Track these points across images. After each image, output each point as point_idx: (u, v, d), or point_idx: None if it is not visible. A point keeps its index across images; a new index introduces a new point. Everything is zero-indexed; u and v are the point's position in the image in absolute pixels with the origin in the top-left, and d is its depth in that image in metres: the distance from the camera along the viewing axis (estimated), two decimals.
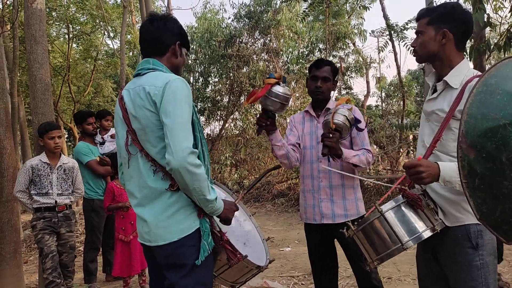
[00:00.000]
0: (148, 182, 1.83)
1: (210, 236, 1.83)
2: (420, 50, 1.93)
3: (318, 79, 2.70)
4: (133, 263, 3.97)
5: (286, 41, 13.62)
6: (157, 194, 1.82)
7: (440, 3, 1.97)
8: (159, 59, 1.92)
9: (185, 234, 1.79)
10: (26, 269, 5.46)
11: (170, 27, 1.94)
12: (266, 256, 2.26)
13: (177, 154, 1.68)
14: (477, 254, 1.78)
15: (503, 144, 1.27)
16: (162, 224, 1.81)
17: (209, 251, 1.81)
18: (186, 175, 1.69)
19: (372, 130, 9.67)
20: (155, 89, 1.78)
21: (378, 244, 1.80)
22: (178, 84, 1.78)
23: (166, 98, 1.75)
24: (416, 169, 1.66)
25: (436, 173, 1.65)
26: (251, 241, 2.29)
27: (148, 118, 1.79)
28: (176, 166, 1.68)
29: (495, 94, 1.33)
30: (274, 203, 10.09)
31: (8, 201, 4.11)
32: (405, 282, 4.20)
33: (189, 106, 1.79)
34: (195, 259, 1.78)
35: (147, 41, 1.96)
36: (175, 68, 1.96)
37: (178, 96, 1.75)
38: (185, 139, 1.71)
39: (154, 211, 1.83)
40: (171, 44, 1.94)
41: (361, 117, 2.70)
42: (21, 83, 13.38)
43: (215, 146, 13.65)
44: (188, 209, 1.81)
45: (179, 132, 1.71)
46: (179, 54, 1.97)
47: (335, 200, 2.65)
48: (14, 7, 9.18)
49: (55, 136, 3.67)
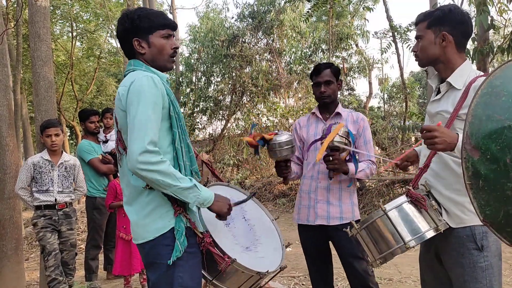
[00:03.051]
0: (131, 180, 1.83)
1: (184, 236, 1.77)
2: (421, 55, 1.94)
3: (320, 84, 2.70)
4: (134, 262, 3.96)
5: (289, 41, 13.63)
6: (137, 192, 1.81)
7: (438, 7, 1.98)
8: (139, 58, 1.88)
9: (160, 233, 1.77)
10: (27, 266, 5.47)
11: (123, 27, 1.86)
12: (279, 263, 2.12)
13: (130, 156, 1.67)
14: (482, 256, 1.77)
15: (507, 146, 1.26)
16: (141, 223, 1.81)
17: (181, 252, 1.75)
18: (143, 174, 1.66)
19: None
20: (123, 89, 1.77)
21: (381, 243, 1.80)
22: (142, 82, 1.73)
23: (129, 98, 1.73)
24: (432, 133, 1.65)
25: (453, 142, 1.64)
26: (262, 246, 2.16)
27: (122, 119, 1.79)
28: (131, 168, 1.68)
29: (500, 96, 1.32)
30: (275, 203, 10.08)
31: (10, 198, 4.12)
32: (406, 284, 4.19)
33: (154, 103, 1.72)
34: (169, 259, 1.75)
35: (122, 47, 1.94)
36: (151, 61, 1.87)
37: (140, 95, 1.71)
38: (140, 139, 1.66)
39: (135, 210, 1.83)
40: (131, 44, 1.86)
41: (368, 127, 2.72)
42: (24, 80, 13.42)
43: (217, 145, 13.66)
44: (163, 207, 1.79)
45: (135, 133, 1.68)
46: (144, 47, 1.85)
47: (331, 202, 2.63)
48: (18, 5, 9.20)
49: (52, 134, 3.66)
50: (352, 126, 2.68)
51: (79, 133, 15.48)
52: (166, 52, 1.88)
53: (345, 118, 2.71)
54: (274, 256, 2.15)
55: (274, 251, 2.19)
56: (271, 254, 2.16)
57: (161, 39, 1.86)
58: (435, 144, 1.65)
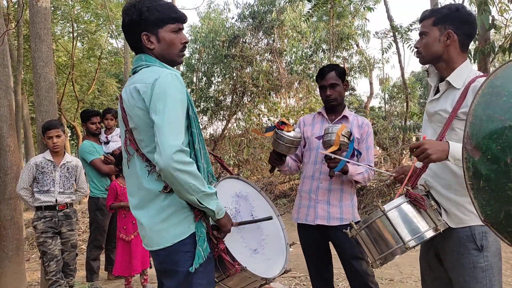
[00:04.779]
0: (143, 183, 1.74)
1: (206, 241, 1.71)
2: (424, 51, 1.93)
3: (326, 88, 2.71)
4: (134, 263, 3.96)
5: (289, 41, 13.62)
6: (152, 196, 1.73)
7: (445, 5, 1.97)
8: (148, 53, 1.79)
9: (178, 239, 1.70)
10: (28, 267, 5.47)
11: (130, 18, 1.76)
12: (283, 265, 2.11)
13: (164, 153, 1.58)
14: (482, 256, 1.77)
15: (508, 146, 1.26)
16: (156, 228, 1.72)
17: (203, 258, 1.68)
18: (176, 174, 1.58)
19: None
20: (144, 86, 1.68)
21: (380, 243, 1.79)
22: (168, 80, 1.66)
23: (155, 95, 1.64)
24: (422, 147, 1.67)
25: (445, 150, 1.66)
26: (268, 247, 2.14)
27: (140, 117, 1.70)
28: (164, 166, 1.58)
29: (501, 96, 1.32)
30: (276, 204, 10.08)
31: (11, 198, 4.12)
32: (407, 284, 4.19)
33: (181, 102, 1.67)
34: (190, 266, 1.68)
35: (127, 39, 1.84)
36: (162, 57, 1.79)
37: (168, 92, 1.64)
38: (174, 137, 1.60)
39: (149, 214, 1.74)
40: (139, 37, 1.77)
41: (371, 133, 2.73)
42: (25, 81, 13.44)
43: (218, 146, 13.66)
44: (182, 212, 1.71)
45: (167, 130, 1.60)
46: (153, 42, 1.78)
47: (332, 203, 2.63)
48: (19, 5, 9.21)
49: (53, 135, 3.65)
50: (357, 130, 2.68)
51: (80, 133, 15.49)
52: (176, 47, 1.81)
53: (351, 122, 2.71)
54: (279, 258, 2.18)
55: (279, 252, 2.21)
56: (276, 255, 2.17)
57: (171, 34, 1.78)
58: (429, 156, 1.67)
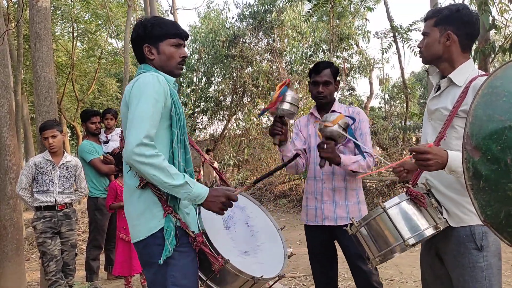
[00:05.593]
0: (126, 178, 1.90)
1: (172, 235, 1.80)
2: (425, 52, 1.94)
3: (319, 84, 2.69)
4: (134, 262, 3.96)
5: (289, 41, 13.63)
6: (131, 191, 1.87)
7: (447, 5, 1.97)
8: (148, 63, 1.97)
9: (151, 233, 1.81)
10: (28, 267, 5.47)
11: (136, 33, 1.96)
12: (277, 272, 2.04)
13: (127, 146, 1.71)
14: (482, 256, 1.77)
15: (508, 146, 1.26)
16: (134, 222, 1.87)
17: (170, 251, 1.78)
18: (137, 166, 1.70)
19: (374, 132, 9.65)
20: (128, 86, 1.86)
21: (380, 241, 1.79)
22: (147, 79, 1.80)
23: (133, 92, 1.80)
24: (425, 156, 1.65)
25: (444, 162, 1.66)
26: (262, 253, 2.11)
27: (124, 114, 1.86)
28: (126, 159, 1.72)
29: (501, 96, 1.32)
30: (276, 204, 10.09)
31: (11, 198, 4.12)
32: (407, 284, 4.19)
33: (155, 100, 1.77)
34: (160, 258, 1.80)
35: (135, 52, 2.04)
36: (161, 68, 1.96)
37: (143, 90, 1.77)
38: (138, 131, 1.70)
39: (128, 209, 1.90)
40: (142, 50, 1.96)
41: (365, 120, 2.69)
42: (25, 81, 13.44)
43: (218, 146, 13.67)
44: (155, 207, 1.83)
45: (134, 125, 1.72)
46: (153, 53, 1.95)
47: (337, 202, 2.63)
48: (19, 5, 9.22)
49: (48, 136, 3.64)
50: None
51: (80, 133, 15.50)
52: (175, 60, 1.97)
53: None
54: (274, 263, 2.10)
55: (275, 259, 2.14)
56: (271, 261, 2.11)
57: (170, 48, 1.95)
58: (429, 166, 1.66)
